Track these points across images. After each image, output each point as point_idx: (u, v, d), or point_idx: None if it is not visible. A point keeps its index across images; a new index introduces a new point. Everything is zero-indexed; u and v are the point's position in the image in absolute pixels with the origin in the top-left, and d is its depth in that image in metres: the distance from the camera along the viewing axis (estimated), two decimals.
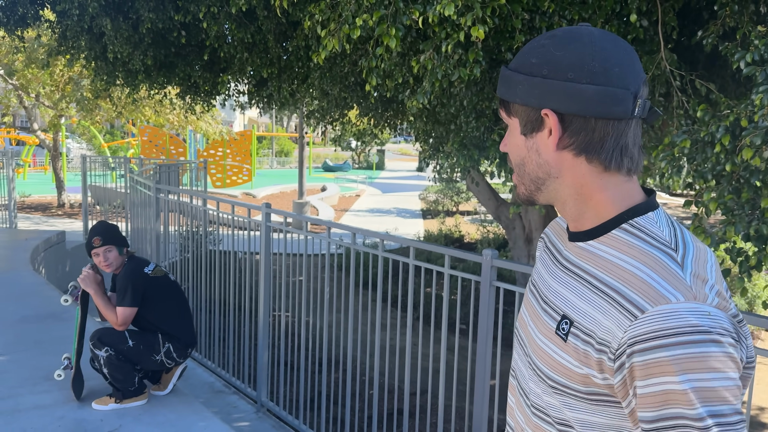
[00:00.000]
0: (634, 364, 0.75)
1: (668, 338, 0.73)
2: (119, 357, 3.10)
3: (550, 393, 0.88)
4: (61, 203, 14.64)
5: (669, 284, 0.77)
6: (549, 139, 0.86)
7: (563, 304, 0.87)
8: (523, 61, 0.88)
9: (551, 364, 0.86)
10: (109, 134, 28.51)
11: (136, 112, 12.78)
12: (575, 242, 0.91)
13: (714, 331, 0.73)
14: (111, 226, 3.24)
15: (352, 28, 2.95)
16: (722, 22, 3.11)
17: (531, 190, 0.92)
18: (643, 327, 0.75)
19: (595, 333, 0.81)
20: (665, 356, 0.73)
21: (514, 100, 0.88)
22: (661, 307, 0.75)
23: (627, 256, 0.82)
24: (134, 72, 6.27)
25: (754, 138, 2.03)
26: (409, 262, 3.05)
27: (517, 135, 0.90)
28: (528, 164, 0.90)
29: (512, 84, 0.88)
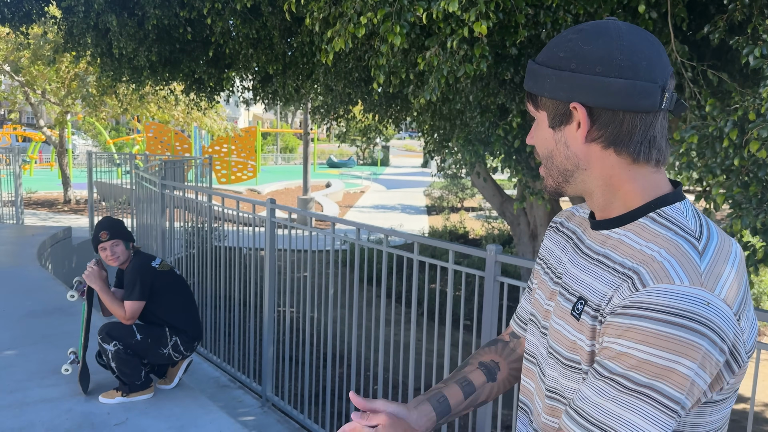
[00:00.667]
0: (613, 322, 0.79)
1: (654, 312, 0.75)
2: (127, 351, 3.12)
3: (567, 375, 0.89)
4: (67, 199, 14.71)
5: (681, 268, 0.78)
6: (578, 131, 0.88)
7: (582, 288, 0.89)
8: (550, 55, 0.89)
9: (566, 343, 0.89)
10: (115, 131, 28.59)
11: (141, 109, 12.81)
12: (600, 230, 0.92)
13: (703, 323, 0.74)
14: (117, 220, 3.26)
15: (357, 27, 2.94)
16: (730, 16, 3.09)
17: (559, 182, 0.93)
18: (639, 297, 0.78)
19: (600, 306, 0.84)
20: (647, 326, 0.75)
21: (542, 93, 0.89)
22: (661, 285, 0.77)
23: (651, 243, 0.84)
24: (139, 68, 6.28)
25: (760, 130, 2.02)
26: (413, 258, 3.05)
27: (545, 128, 0.92)
28: (556, 157, 0.92)
29: (540, 78, 0.89)
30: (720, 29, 2.99)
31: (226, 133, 14.98)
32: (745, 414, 5.42)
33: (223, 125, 14.72)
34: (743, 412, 5.46)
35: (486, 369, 1.11)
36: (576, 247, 0.98)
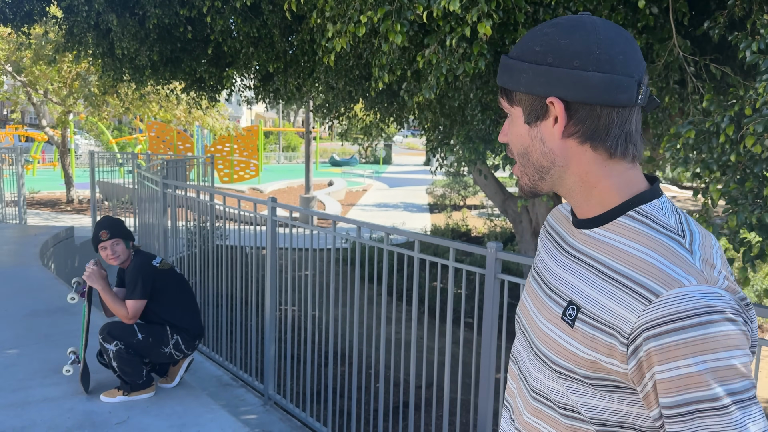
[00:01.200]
0: (651, 349, 0.75)
1: (685, 320, 0.74)
2: (129, 350, 3.13)
3: (554, 378, 0.88)
4: (70, 199, 14.75)
5: (680, 269, 0.78)
6: (554, 127, 0.86)
7: (569, 291, 0.87)
8: (526, 50, 0.87)
9: (557, 349, 0.86)
10: (117, 130, 28.64)
11: (143, 108, 12.83)
12: (581, 229, 0.91)
13: (727, 311, 0.74)
14: (117, 219, 3.27)
15: (358, 26, 2.95)
16: (730, 12, 3.08)
17: (534, 180, 0.91)
18: (659, 311, 0.75)
19: (603, 318, 0.81)
20: (682, 339, 0.73)
21: (518, 88, 0.87)
22: (675, 291, 0.75)
23: (636, 243, 0.83)
24: (141, 68, 6.29)
25: (756, 125, 2.01)
26: (414, 256, 3.05)
27: (521, 124, 0.89)
28: (532, 153, 0.89)
29: (515, 72, 0.87)
30: (720, 25, 2.98)
31: (228, 132, 14.99)
32: None
33: (225, 124, 14.74)
34: None
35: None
36: (559, 246, 0.96)
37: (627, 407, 0.82)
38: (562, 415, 0.89)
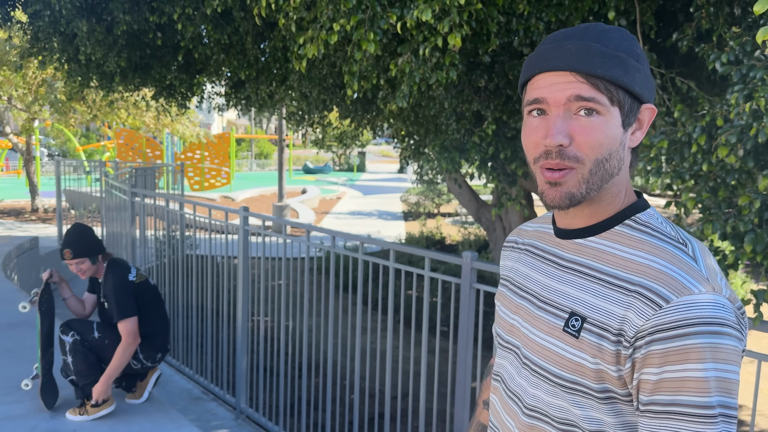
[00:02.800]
0: (652, 351, 0.75)
1: (692, 327, 0.73)
2: (84, 344, 3.08)
3: (555, 393, 0.85)
4: (34, 208, 14.35)
5: (691, 276, 0.77)
6: (634, 134, 0.84)
7: (570, 302, 0.85)
8: (627, 48, 0.81)
9: (561, 362, 0.84)
10: (85, 137, 28.05)
11: (112, 115, 12.58)
12: (572, 239, 0.88)
13: (729, 324, 0.74)
14: (83, 234, 3.16)
15: (330, 34, 2.92)
16: (697, 24, 3.14)
17: (591, 189, 0.82)
18: (668, 316, 0.75)
19: (610, 325, 0.79)
20: (688, 344, 0.73)
21: (633, 87, 0.80)
22: (685, 298, 0.75)
23: (640, 251, 0.81)
24: (109, 74, 6.15)
25: (729, 136, 2.04)
26: (389, 265, 3.02)
27: (617, 126, 0.81)
28: (613, 159, 0.82)
29: (631, 69, 0.80)
30: (688, 37, 3.04)
31: (199, 140, 14.79)
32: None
33: (195, 131, 14.54)
34: None
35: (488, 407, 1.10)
36: (543, 258, 0.93)
37: (633, 418, 0.81)
38: (559, 430, 0.86)
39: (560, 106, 0.81)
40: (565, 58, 0.80)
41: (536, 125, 0.84)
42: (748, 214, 1.96)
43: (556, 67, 0.81)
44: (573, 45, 0.81)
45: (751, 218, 1.96)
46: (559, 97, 0.81)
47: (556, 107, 0.81)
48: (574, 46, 0.81)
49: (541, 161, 0.83)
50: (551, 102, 0.82)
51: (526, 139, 0.85)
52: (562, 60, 0.80)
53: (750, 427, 1.89)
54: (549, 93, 0.82)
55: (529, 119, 0.86)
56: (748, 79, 2.14)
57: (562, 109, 0.81)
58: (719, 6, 3.07)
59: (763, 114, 1.98)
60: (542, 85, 0.83)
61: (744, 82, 2.16)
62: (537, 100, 0.83)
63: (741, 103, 2.08)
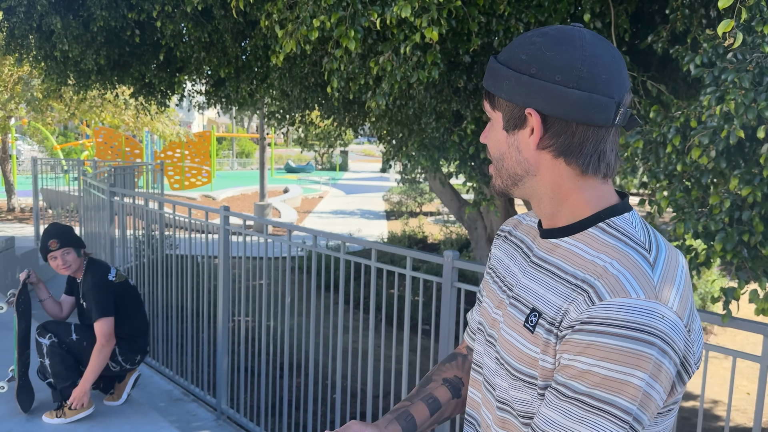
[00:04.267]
0: (572, 339, 0.78)
1: (611, 327, 0.75)
2: (62, 346, 3.03)
3: (518, 387, 0.88)
4: (11, 207, 14.09)
5: (635, 281, 0.78)
6: (530, 138, 0.87)
7: (533, 298, 0.88)
8: (512, 56, 0.87)
9: (518, 355, 0.87)
10: (63, 136, 27.61)
11: (90, 113, 12.40)
12: (548, 239, 0.91)
13: (655, 334, 0.75)
14: (65, 227, 3.13)
15: (310, 30, 2.91)
16: (672, 26, 3.19)
17: (507, 185, 0.92)
18: (596, 312, 0.77)
19: (554, 318, 0.83)
20: (603, 342, 0.75)
21: (500, 94, 0.88)
22: (618, 299, 0.77)
23: (602, 254, 0.83)
24: (86, 72, 6.06)
25: (702, 138, 2.08)
26: (371, 265, 3.03)
27: (499, 129, 0.90)
28: (507, 160, 0.90)
29: (500, 78, 0.88)
30: (663, 39, 3.09)
31: (179, 138, 14.63)
32: (694, 411, 5.60)
33: (175, 130, 14.39)
34: (693, 410, 5.65)
35: (451, 385, 1.11)
36: (525, 256, 0.96)
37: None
38: (523, 424, 0.89)
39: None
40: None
41: None
42: (719, 213, 2.01)
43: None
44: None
45: (722, 217, 2.00)
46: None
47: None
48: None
49: None
50: None
51: None
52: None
53: (725, 423, 1.93)
54: None
55: None
56: (720, 81, 2.19)
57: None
58: (694, 8, 3.12)
59: (733, 116, 2.03)
60: None
61: (716, 84, 2.21)
62: None
63: (713, 105, 2.13)
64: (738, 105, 2.08)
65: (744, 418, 5.45)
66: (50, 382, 3.11)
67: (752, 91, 2.12)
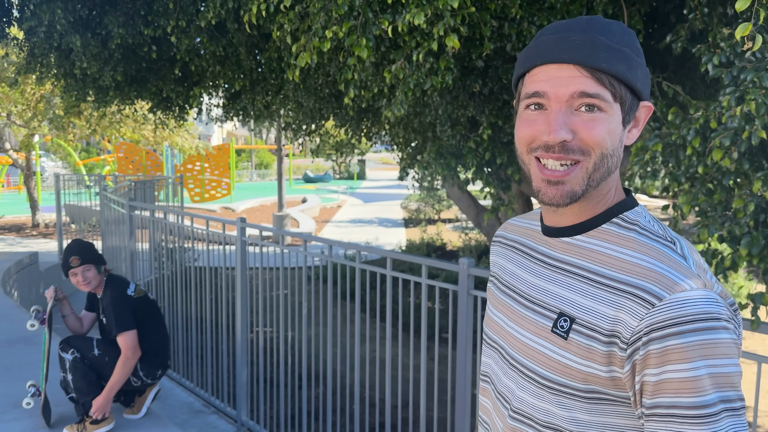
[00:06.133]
0: (650, 351, 0.73)
1: (685, 325, 0.72)
2: (84, 361, 3.05)
3: (540, 395, 0.83)
4: (35, 223, 14.36)
5: (681, 273, 0.75)
6: (631, 132, 0.82)
7: (558, 302, 0.83)
8: (631, 42, 0.78)
9: (548, 364, 0.82)
10: (85, 151, 28.13)
11: (111, 129, 12.60)
12: (559, 237, 0.86)
13: (723, 318, 0.73)
14: (87, 244, 3.17)
15: (323, 41, 2.92)
16: (690, 25, 3.14)
17: (592, 185, 0.80)
18: (661, 314, 0.73)
19: (600, 327, 0.77)
20: (682, 343, 0.71)
21: (636, 84, 0.78)
22: (677, 295, 0.73)
23: (628, 249, 0.79)
24: (105, 88, 6.16)
25: (723, 139, 2.03)
26: (387, 273, 3.00)
27: (618, 123, 0.79)
28: (613, 156, 0.79)
29: (633, 64, 0.77)
30: (682, 38, 3.03)
31: (198, 151, 14.80)
32: None
33: (194, 143, 14.55)
34: None
35: None
36: (530, 257, 0.91)
37: (619, 420, 0.80)
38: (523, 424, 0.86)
39: (562, 102, 0.77)
40: (569, 50, 0.76)
41: (533, 119, 0.80)
42: (743, 217, 1.94)
43: (560, 59, 0.76)
44: (577, 37, 0.76)
45: (746, 221, 1.94)
46: (562, 93, 0.77)
47: (557, 103, 0.77)
48: (578, 38, 0.76)
49: (539, 152, 0.80)
50: (552, 97, 0.78)
51: (522, 132, 0.81)
52: (566, 52, 0.76)
53: (752, 429, 1.86)
54: (551, 87, 0.77)
55: (525, 113, 0.81)
56: (739, 81, 2.13)
57: (564, 105, 0.77)
58: (713, 6, 3.06)
59: (754, 117, 1.97)
60: (543, 78, 0.78)
61: (735, 84, 2.15)
62: (537, 93, 0.79)
63: (733, 105, 2.07)
64: (759, 105, 2.03)
65: None
66: (72, 396, 3.13)
67: None
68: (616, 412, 0.79)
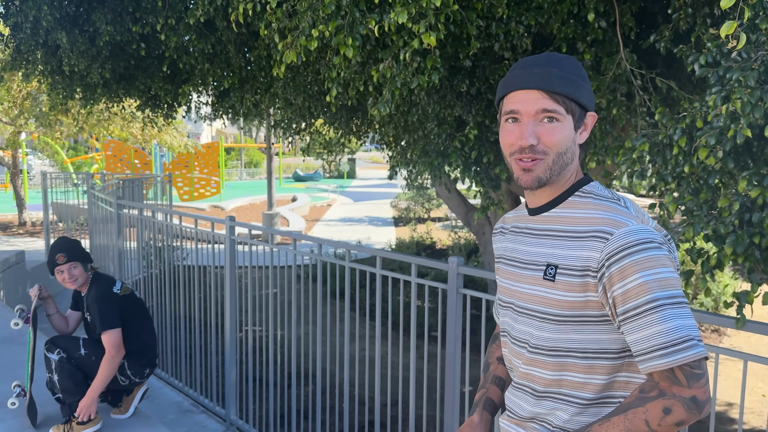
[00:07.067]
0: (612, 272, 1.04)
1: (632, 247, 1.04)
2: (71, 361, 3.02)
3: (543, 327, 1.15)
4: (22, 222, 14.22)
5: (623, 216, 1.08)
6: (581, 134, 1.16)
7: (544, 258, 1.15)
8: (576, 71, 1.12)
9: (544, 301, 1.14)
10: (73, 149, 27.88)
11: (98, 127, 12.50)
12: (539, 214, 1.19)
13: (657, 241, 1.05)
14: (73, 241, 3.14)
15: (309, 40, 2.91)
16: (675, 26, 3.16)
17: (554, 173, 1.13)
18: (614, 244, 1.05)
19: (575, 266, 1.10)
20: (633, 260, 1.03)
21: (581, 100, 1.12)
22: (623, 229, 1.06)
23: (586, 209, 1.13)
24: (93, 86, 6.11)
25: (708, 138, 2.05)
26: (376, 272, 3.00)
27: (570, 128, 1.12)
28: (568, 153, 1.13)
29: (579, 87, 1.12)
30: (666, 38, 3.06)
31: (187, 150, 14.71)
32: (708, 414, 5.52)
33: (183, 141, 14.47)
34: None
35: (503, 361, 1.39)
36: (522, 233, 1.24)
37: (602, 335, 1.10)
38: (550, 356, 1.15)
39: (530, 116, 1.11)
40: (533, 80, 1.11)
41: (512, 129, 1.14)
42: (728, 216, 1.97)
43: (527, 87, 1.11)
44: (538, 70, 1.11)
45: (731, 220, 1.96)
46: (530, 110, 1.11)
47: (527, 117, 1.11)
48: (539, 71, 1.11)
49: (516, 155, 1.13)
50: (523, 113, 1.11)
51: (504, 140, 1.15)
52: (531, 81, 1.11)
53: (738, 426, 1.89)
54: (522, 106, 1.11)
55: (506, 125, 1.15)
56: (725, 80, 2.15)
57: (532, 118, 1.11)
58: (697, 7, 3.09)
59: (740, 115, 1.99)
60: (516, 101, 1.12)
61: (721, 83, 2.17)
62: (513, 111, 1.13)
63: (718, 104, 2.09)
64: (744, 104, 2.05)
65: (759, 420, 5.35)
66: (59, 397, 3.10)
67: (758, 89, 2.08)
68: (599, 330, 1.10)
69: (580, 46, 3.29)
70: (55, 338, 3.07)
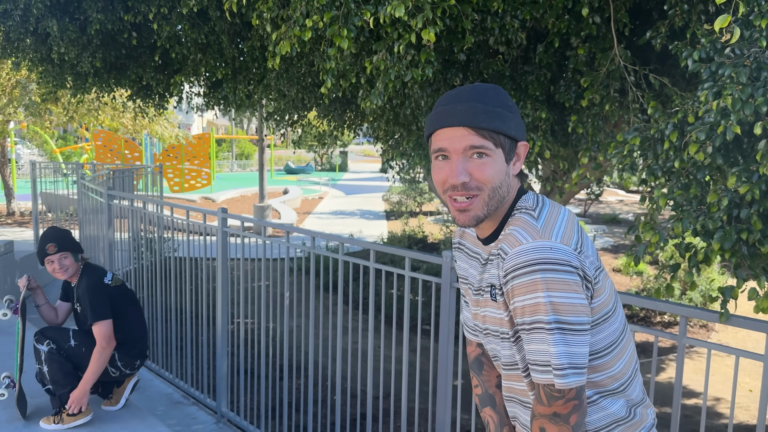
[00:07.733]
0: (507, 290, 1.08)
1: (519, 269, 1.04)
2: (60, 352, 3.00)
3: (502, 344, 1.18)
4: (11, 212, 14.09)
5: (525, 231, 1.07)
6: (515, 165, 1.13)
7: (489, 281, 1.17)
8: (502, 103, 1.10)
9: (494, 321, 1.17)
10: (62, 139, 27.62)
11: (89, 116, 12.38)
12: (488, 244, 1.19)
13: (551, 261, 1.02)
14: (64, 231, 3.11)
15: (303, 30, 2.89)
16: (671, 22, 3.17)
17: (491, 209, 1.12)
18: (507, 263, 1.07)
19: (495, 285, 1.14)
20: (518, 282, 1.05)
21: (509, 132, 1.10)
22: (516, 249, 1.06)
23: (509, 226, 1.13)
24: (83, 75, 6.05)
25: (698, 133, 2.06)
26: (370, 266, 3.01)
27: (502, 162, 1.11)
28: (503, 186, 1.11)
29: (506, 119, 1.09)
30: (661, 34, 3.07)
31: (178, 141, 14.61)
32: (698, 409, 5.58)
33: (174, 132, 14.36)
34: (696, 407, 5.63)
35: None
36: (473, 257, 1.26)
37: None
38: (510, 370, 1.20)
39: (459, 153, 1.09)
40: (458, 117, 1.08)
41: (442, 167, 1.12)
42: (717, 211, 1.98)
43: (452, 124, 1.09)
44: (462, 106, 1.09)
45: (720, 216, 1.98)
46: (458, 147, 1.09)
47: (455, 154, 1.10)
48: (463, 107, 1.09)
49: (449, 192, 1.12)
50: (452, 150, 1.10)
51: (436, 177, 1.14)
52: (456, 118, 1.08)
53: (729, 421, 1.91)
54: (449, 144, 1.10)
55: (436, 162, 1.14)
56: (717, 76, 2.17)
57: (461, 155, 1.09)
58: (692, 3, 3.10)
59: (730, 112, 2.01)
60: (443, 138, 1.10)
61: (714, 79, 2.19)
62: (441, 149, 1.11)
63: (710, 100, 2.11)
64: (735, 100, 2.06)
65: (747, 415, 5.42)
66: (49, 388, 3.09)
67: (749, 86, 2.10)
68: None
69: (574, 41, 3.29)
70: (45, 329, 3.05)
